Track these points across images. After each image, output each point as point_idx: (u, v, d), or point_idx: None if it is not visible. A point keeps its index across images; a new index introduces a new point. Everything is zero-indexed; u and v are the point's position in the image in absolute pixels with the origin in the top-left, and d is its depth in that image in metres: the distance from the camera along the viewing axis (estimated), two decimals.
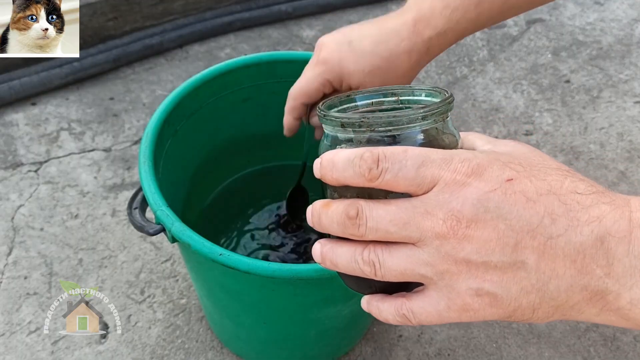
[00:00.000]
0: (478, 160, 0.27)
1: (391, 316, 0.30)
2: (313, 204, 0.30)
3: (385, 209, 0.27)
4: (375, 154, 0.27)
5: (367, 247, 0.28)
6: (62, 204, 0.82)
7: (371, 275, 0.29)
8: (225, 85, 0.60)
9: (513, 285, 0.27)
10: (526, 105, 1.02)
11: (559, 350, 0.69)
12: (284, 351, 0.63)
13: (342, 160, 0.28)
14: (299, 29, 1.16)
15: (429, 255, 0.27)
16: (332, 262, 0.30)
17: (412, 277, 0.28)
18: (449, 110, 0.30)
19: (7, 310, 0.70)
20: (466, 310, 0.28)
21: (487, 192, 0.27)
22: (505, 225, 0.27)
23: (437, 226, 0.27)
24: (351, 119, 0.29)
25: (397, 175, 0.27)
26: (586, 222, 0.27)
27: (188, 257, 0.54)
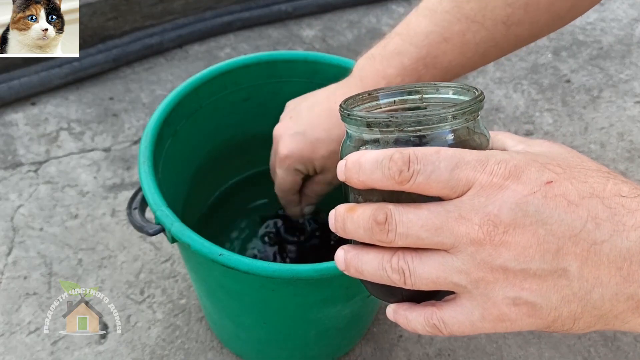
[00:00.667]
0: (515, 161, 0.26)
1: (420, 326, 0.28)
2: (336, 208, 0.28)
3: (416, 214, 0.26)
4: (406, 155, 0.25)
5: (396, 253, 0.27)
6: (61, 204, 0.82)
7: (400, 284, 0.27)
8: (225, 85, 0.60)
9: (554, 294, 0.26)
10: (526, 105, 1.02)
11: (559, 350, 0.69)
12: (284, 351, 0.63)
13: (369, 161, 0.26)
14: (299, 29, 1.16)
15: (463, 263, 0.26)
16: (358, 269, 0.28)
17: (444, 286, 0.27)
18: (480, 108, 0.28)
19: (7, 310, 0.70)
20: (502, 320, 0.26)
21: (525, 196, 0.25)
22: (546, 230, 0.25)
23: (473, 232, 0.25)
24: (378, 119, 0.27)
25: (429, 177, 0.25)
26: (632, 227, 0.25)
27: (188, 257, 0.54)
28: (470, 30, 0.45)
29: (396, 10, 1.22)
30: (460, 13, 0.44)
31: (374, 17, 1.20)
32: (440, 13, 0.45)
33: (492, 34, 0.45)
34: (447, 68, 0.47)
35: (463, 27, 0.45)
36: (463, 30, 0.45)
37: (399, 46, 0.47)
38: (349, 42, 1.13)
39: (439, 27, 0.45)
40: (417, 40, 0.46)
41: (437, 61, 0.46)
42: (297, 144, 0.50)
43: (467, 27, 0.45)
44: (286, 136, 0.51)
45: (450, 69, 0.47)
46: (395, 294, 0.29)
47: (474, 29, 0.45)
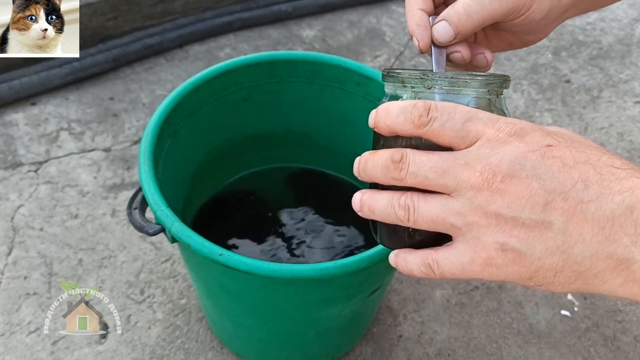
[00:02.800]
0: (522, 125, 0.29)
1: (416, 266, 0.31)
2: (361, 155, 0.32)
3: (428, 157, 0.29)
4: (428, 104, 0.29)
5: (405, 193, 0.30)
6: (61, 204, 0.82)
7: (404, 220, 0.30)
8: (225, 85, 0.60)
9: (538, 244, 0.28)
10: (526, 105, 1.02)
11: (559, 350, 0.69)
12: (284, 351, 0.63)
13: (396, 107, 0.30)
14: (299, 29, 1.16)
15: (461, 206, 0.28)
16: (370, 208, 0.31)
17: (442, 226, 0.29)
18: (503, 87, 0.32)
19: (7, 310, 0.70)
20: (489, 265, 0.29)
21: (525, 152, 0.28)
22: (539, 184, 0.28)
23: (474, 177, 0.28)
24: (412, 75, 0.31)
25: (444, 125, 0.29)
26: (619, 191, 0.27)
27: (188, 257, 0.54)
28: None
29: (396, 10, 1.22)
30: None
31: (374, 17, 1.20)
32: None
33: None
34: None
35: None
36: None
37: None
38: (349, 42, 1.13)
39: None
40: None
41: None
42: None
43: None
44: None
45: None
46: (399, 240, 0.33)
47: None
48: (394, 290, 0.74)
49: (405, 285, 0.75)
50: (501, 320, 0.72)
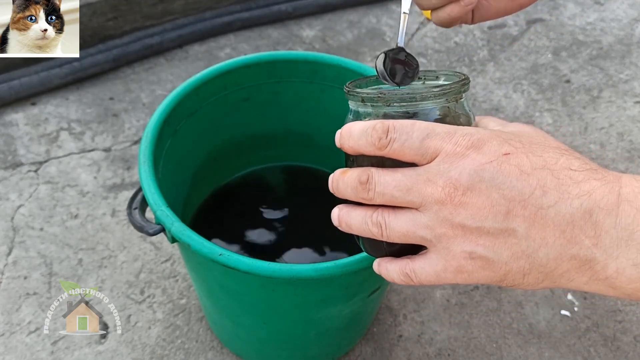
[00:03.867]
0: (479, 135, 0.30)
1: (396, 275, 0.33)
2: (334, 172, 0.33)
3: (392, 176, 0.30)
4: (386, 125, 0.30)
5: (377, 210, 0.32)
6: (61, 204, 0.82)
7: (378, 236, 0.32)
8: (225, 85, 0.60)
9: (504, 250, 0.29)
10: (526, 105, 1.02)
11: (559, 350, 0.69)
12: (284, 351, 0.63)
13: (358, 130, 0.31)
14: (299, 29, 1.16)
15: (428, 219, 0.30)
16: (347, 224, 0.33)
17: (413, 239, 0.31)
18: (461, 91, 0.32)
19: (7, 310, 0.70)
20: (461, 272, 0.30)
21: (483, 164, 0.29)
22: (499, 194, 0.29)
23: (437, 193, 0.29)
24: (370, 94, 0.32)
25: (403, 144, 0.30)
26: (576, 195, 0.29)
27: (188, 257, 0.54)
28: None
29: (396, 10, 1.22)
30: None
31: (374, 17, 1.20)
32: None
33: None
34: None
35: None
36: None
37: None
38: (349, 42, 1.13)
39: None
40: None
41: None
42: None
43: None
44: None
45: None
46: (380, 250, 0.34)
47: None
48: (394, 290, 0.74)
49: (405, 285, 0.75)
50: (501, 320, 0.72)
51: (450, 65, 1.10)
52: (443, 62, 1.10)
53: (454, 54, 1.12)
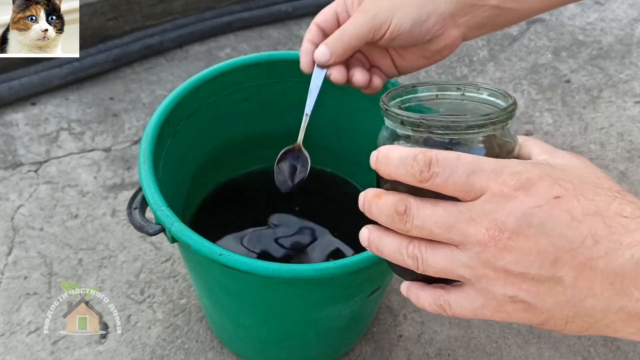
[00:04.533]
0: (529, 174, 0.28)
1: (428, 304, 0.31)
2: (365, 191, 0.31)
3: (432, 210, 0.28)
4: (428, 157, 0.28)
5: (412, 242, 0.30)
6: (62, 204, 0.82)
7: (413, 268, 0.30)
8: (225, 85, 0.60)
9: (548, 297, 0.28)
10: (526, 105, 1.02)
11: (559, 350, 0.69)
12: (284, 351, 0.63)
13: (396, 157, 0.29)
14: (299, 29, 1.16)
15: (469, 259, 0.28)
16: (378, 249, 0.31)
17: (451, 276, 0.29)
18: (509, 119, 0.31)
19: (7, 310, 0.70)
20: (500, 311, 0.29)
21: (532, 208, 0.27)
22: (547, 241, 0.27)
23: (480, 234, 0.27)
24: (411, 118, 0.30)
25: (447, 180, 0.28)
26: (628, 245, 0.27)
27: (188, 257, 0.54)
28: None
29: None
30: None
31: None
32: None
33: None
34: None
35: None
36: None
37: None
38: None
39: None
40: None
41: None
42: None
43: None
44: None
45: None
46: (410, 273, 0.32)
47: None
48: (394, 290, 0.74)
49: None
50: None
51: (450, 65, 1.10)
52: (443, 62, 1.10)
53: (454, 54, 1.12)
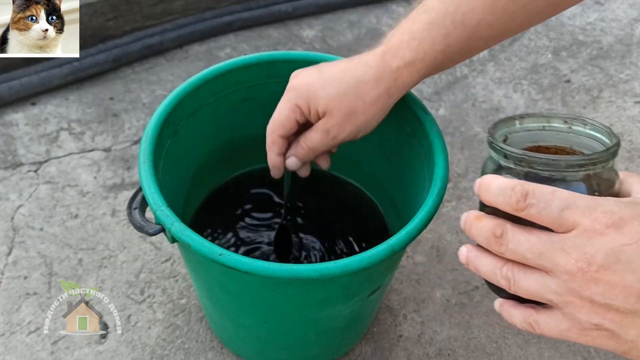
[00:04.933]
0: (621, 213, 0.29)
1: (518, 321, 0.34)
2: (468, 213, 0.34)
3: (527, 237, 0.31)
4: (525, 189, 0.30)
5: (507, 264, 0.32)
6: (61, 204, 0.82)
7: (506, 288, 0.33)
8: (225, 85, 0.60)
9: (632, 329, 0.30)
10: (526, 105, 1.02)
11: (559, 350, 0.69)
12: (284, 351, 0.63)
13: (496, 186, 0.32)
14: (299, 29, 1.16)
15: (557, 286, 0.30)
16: (475, 267, 0.34)
17: (540, 299, 0.32)
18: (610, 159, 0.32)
19: (7, 310, 0.70)
20: (585, 336, 0.31)
21: (622, 245, 0.29)
22: (634, 277, 0.29)
23: (569, 264, 0.29)
24: (514, 153, 0.33)
25: (541, 212, 0.30)
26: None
27: (188, 257, 0.54)
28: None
29: (396, 11, 1.22)
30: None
31: (374, 17, 1.20)
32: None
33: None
34: (475, 27, 0.46)
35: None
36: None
37: (428, 3, 0.46)
38: (349, 42, 1.13)
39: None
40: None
41: (465, 18, 0.45)
42: (308, 78, 0.49)
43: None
44: (301, 73, 0.50)
45: (478, 28, 0.46)
46: (504, 291, 0.34)
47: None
48: (394, 290, 0.74)
49: (405, 285, 0.75)
50: (501, 320, 0.72)
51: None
52: None
53: None
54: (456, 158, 0.91)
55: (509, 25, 0.47)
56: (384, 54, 0.47)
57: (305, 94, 0.48)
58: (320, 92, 0.48)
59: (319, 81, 0.48)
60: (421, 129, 0.55)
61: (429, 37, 0.46)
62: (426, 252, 0.78)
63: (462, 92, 1.04)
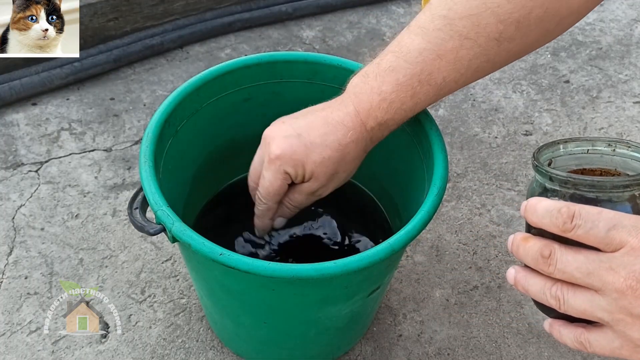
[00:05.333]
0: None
1: (570, 340, 0.34)
2: (515, 235, 0.35)
3: (574, 257, 0.32)
4: (572, 211, 0.31)
5: (556, 284, 0.33)
6: (62, 203, 0.82)
7: (555, 307, 0.33)
8: (225, 85, 0.60)
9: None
10: (526, 105, 1.02)
11: (558, 350, 0.70)
12: (284, 351, 0.63)
13: (542, 208, 0.33)
14: (299, 30, 1.16)
15: (607, 304, 0.31)
16: (524, 288, 0.35)
17: (590, 317, 0.32)
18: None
19: (8, 310, 0.70)
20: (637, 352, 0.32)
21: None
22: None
23: (618, 282, 0.30)
24: (559, 176, 0.34)
25: (588, 232, 0.31)
26: None
27: (188, 257, 0.54)
28: (464, 47, 0.45)
29: (396, 11, 1.22)
30: (453, 30, 0.45)
31: (373, 17, 1.20)
32: (432, 31, 0.46)
33: (484, 50, 0.46)
34: (441, 85, 0.47)
35: (456, 44, 0.45)
36: (456, 47, 0.45)
37: (393, 63, 0.47)
38: (349, 43, 1.13)
39: (432, 45, 0.46)
40: (411, 57, 0.46)
41: (431, 77, 0.47)
42: (290, 145, 0.49)
43: (460, 44, 0.45)
44: (279, 137, 0.50)
45: (444, 85, 0.47)
46: (553, 311, 0.35)
47: (467, 45, 0.45)
48: (394, 290, 0.74)
49: (405, 285, 0.75)
50: (500, 319, 0.72)
51: None
52: None
53: None
54: (455, 158, 0.92)
55: (474, 77, 0.48)
56: (359, 114, 0.49)
57: (292, 162, 0.49)
58: (305, 159, 0.49)
59: (303, 149, 0.49)
60: (421, 129, 0.55)
61: (398, 99, 0.47)
62: (426, 251, 0.79)
63: (462, 92, 1.04)
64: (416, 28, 0.47)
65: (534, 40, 0.47)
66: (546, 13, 0.44)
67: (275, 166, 0.50)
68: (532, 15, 0.44)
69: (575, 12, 0.46)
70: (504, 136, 0.96)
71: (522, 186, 0.88)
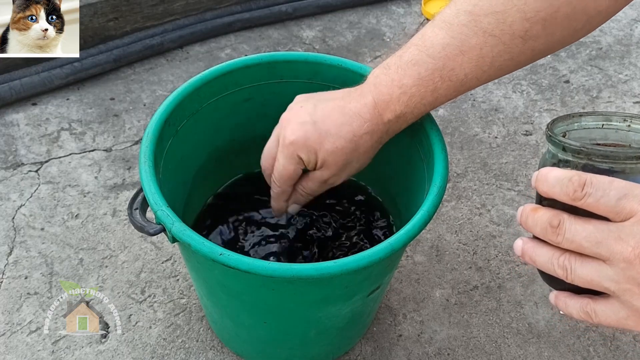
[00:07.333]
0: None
1: (575, 311, 0.34)
2: (524, 206, 0.35)
3: (583, 226, 0.31)
4: (583, 179, 0.31)
5: (564, 254, 0.33)
6: (62, 204, 0.82)
7: (562, 278, 0.33)
8: (225, 85, 0.61)
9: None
10: (525, 105, 1.02)
11: (558, 349, 0.70)
12: (284, 350, 0.63)
13: (553, 177, 0.32)
14: (299, 30, 1.16)
15: (615, 273, 0.31)
16: (531, 258, 0.35)
17: (597, 287, 0.32)
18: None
19: (8, 310, 0.70)
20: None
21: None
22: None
23: (626, 251, 0.30)
24: (572, 146, 0.33)
25: (598, 200, 0.31)
26: None
27: (188, 257, 0.54)
28: (488, 44, 0.45)
29: (396, 11, 1.22)
30: (478, 27, 0.45)
31: (373, 17, 1.20)
32: (457, 26, 0.45)
33: (508, 48, 0.45)
34: (463, 81, 0.47)
35: (480, 41, 0.45)
36: (480, 44, 0.45)
37: (416, 56, 0.47)
38: (349, 43, 1.13)
39: (456, 40, 0.45)
40: (434, 51, 0.46)
41: (453, 73, 0.46)
42: (305, 131, 0.49)
43: (485, 40, 0.45)
44: (295, 123, 0.50)
45: (465, 81, 0.47)
46: (559, 283, 0.35)
47: (491, 42, 0.45)
48: (394, 290, 0.74)
49: (405, 285, 0.75)
50: (500, 319, 0.72)
51: None
52: None
53: None
54: (455, 158, 0.92)
55: (496, 75, 0.48)
56: (376, 106, 0.48)
57: (305, 148, 0.50)
58: (318, 147, 0.49)
59: (316, 137, 0.49)
60: (421, 129, 0.55)
61: (418, 93, 0.47)
62: (426, 251, 0.79)
63: None
64: (441, 22, 0.46)
65: (559, 39, 0.46)
66: (574, 11, 0.43)
67: (289, 151, 0.50)
68: (560, 14, 0.43)
69: (603, 11, 0.45)
70: (504, 136, 0.96)
71: (522, 186, 0.88)
